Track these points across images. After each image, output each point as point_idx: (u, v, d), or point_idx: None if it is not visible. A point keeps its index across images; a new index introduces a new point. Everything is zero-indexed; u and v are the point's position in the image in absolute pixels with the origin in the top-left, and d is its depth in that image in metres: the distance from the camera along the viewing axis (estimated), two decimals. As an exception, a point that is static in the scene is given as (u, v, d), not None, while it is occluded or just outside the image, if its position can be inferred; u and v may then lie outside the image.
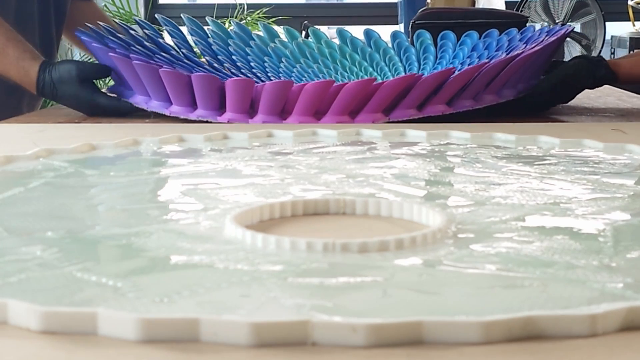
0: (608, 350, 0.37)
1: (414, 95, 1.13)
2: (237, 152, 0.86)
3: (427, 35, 1.47)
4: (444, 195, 0.67)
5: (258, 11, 3.87)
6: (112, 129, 1.05)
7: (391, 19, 3.93)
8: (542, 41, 1.24)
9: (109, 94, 1.26)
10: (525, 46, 1.25)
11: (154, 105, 1.19)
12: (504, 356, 0.37)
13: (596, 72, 1.23)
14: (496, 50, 1.30)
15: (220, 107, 1.16)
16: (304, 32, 1.58)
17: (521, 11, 3.71)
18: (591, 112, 1.27)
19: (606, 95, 1.47)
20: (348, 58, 1.46)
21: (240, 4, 3.88)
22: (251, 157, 0.82)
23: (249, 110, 1.16)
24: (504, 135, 0.91)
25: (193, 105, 1.17)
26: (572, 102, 1.35)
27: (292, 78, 1.37)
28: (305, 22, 1.57)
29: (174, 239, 0.54)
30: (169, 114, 1.18)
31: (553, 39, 1.24)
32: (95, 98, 1.22)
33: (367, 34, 1.53)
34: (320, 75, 1.40)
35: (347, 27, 1.56)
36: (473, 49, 1.38)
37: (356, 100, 1.12)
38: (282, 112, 1.14)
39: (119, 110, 1.22)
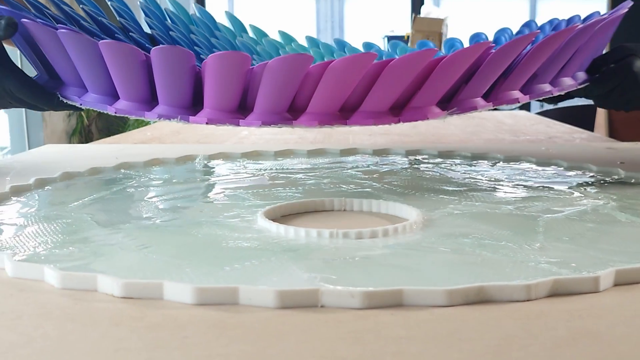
0: (539, 311, 0.37)
1: (480, 76, 0.59)
2: (266, 164, 0.86)
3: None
4: (419, 196, 0.67)
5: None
6: (173, 148, 1.06)
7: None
8: (604, 17, 0.66)
9: (32, 78, 0.63)
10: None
11: (92, 100, 0.59)
12: (463, 315, 0.37)
13: None
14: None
15: (195, 104, 0.58)
16: None
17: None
18: (527, 135, 1.27)
19: (537, 124, 1.47)
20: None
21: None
22: (276, 168, 0.83)
23: (238, 107, 0.58)
24: (463, 152, 0.91)
25: (153, 100, 0.58)
26: (512, 128, 1.35)
27: None
28: None
29: (219, 228, 0.54)
30: (114, 113, 0.58)
31: (615, 16, 0.68)
32: (4, 81, 0.62)
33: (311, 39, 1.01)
34: None
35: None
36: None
37: (402, 87, 0.57)
38: (289, 109, 0.58)
39: (36, 105, 0.64)
